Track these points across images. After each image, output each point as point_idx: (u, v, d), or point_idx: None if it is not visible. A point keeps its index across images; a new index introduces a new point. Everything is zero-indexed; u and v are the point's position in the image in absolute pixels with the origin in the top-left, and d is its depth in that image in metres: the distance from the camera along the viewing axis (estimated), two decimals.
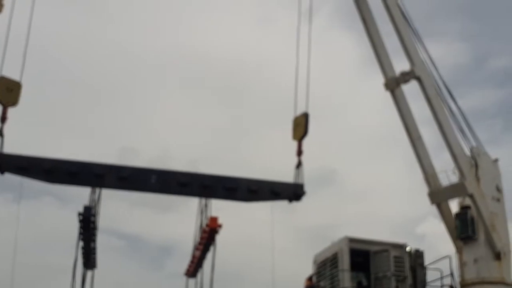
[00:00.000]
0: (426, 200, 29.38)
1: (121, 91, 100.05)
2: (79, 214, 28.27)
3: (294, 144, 30.22)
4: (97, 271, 34.23)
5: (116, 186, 30.31)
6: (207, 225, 29.01)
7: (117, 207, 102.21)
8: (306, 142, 29.97)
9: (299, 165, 30.41)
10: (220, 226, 28.61)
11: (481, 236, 29.56)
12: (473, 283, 29.76)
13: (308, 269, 21.00)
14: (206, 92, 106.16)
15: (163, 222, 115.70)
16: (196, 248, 31.21)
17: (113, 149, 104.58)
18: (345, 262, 18.61)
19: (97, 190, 29.55)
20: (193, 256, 31.94)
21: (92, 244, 30.99)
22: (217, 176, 31.22)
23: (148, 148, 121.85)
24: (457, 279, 27.03)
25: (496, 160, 31.63)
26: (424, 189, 29.28)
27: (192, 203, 30.81)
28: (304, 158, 29.96)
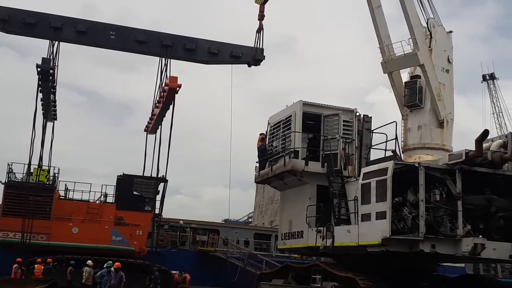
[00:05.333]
0: (378, 70, 30.43)
1: None
2: (37, 66, 28.24)
3: (257, 8, 30.14)
4: (57, 123, 35.01)
5: (74, 39, 30.05)
6: (166, 84, 29.57)
7: (82, 65, 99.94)
8: (268, 8, 29.90)
9: (260, 29, 30.68)
10: (179, 85, 29.25)
11: (427, 105, 31.22)
12: (415, 148, 32.01)
13: (263, 130, 21.93)
14: None
15: (125, 81, 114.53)
16: (155, 106, 32.00)
17: (75, 4, 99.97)
18: (297, 124, 19.30)
19: (55, 43, 29.29)
20: (153, 114, 32.84)
21: (52, 97, 31.30)
22: (177, 36, 31.26)
23: (110, 6, 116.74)
24: (401, 144, 29.01)
25: (450, 32, 32.48)
26: (378, 60, 30.17)
27: (154, 64, 31.06)
28: (265, 24, 30.09)
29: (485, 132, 15.70)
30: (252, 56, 31.25)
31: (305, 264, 20.88)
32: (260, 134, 21.59)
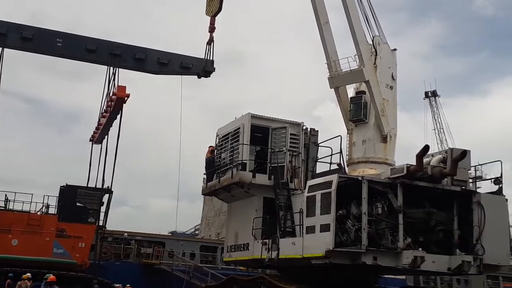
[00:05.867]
0: (326, 85, 31.02)
1: None
2: None
3: (208, 20, 30.23)
4: None
5: (19, 46, 29.27)
6: (114, 94, 29.16)
7: (27, 72, 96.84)
8: (219, 21, 30.06)
9: (210, 41, 30.76)
10: (127, 95, 28.92)
11: (372, 120, 32.04)
12: (359, 162, 32.73)
13: (212, 142, 21.97)
14: None
15: (72, 90, 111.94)
16: (102, 116, 31.48)
17: (23, 12, 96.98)
18: (245, 136, 19.44)
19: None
20: (99, 124, 32.28)
21: None
22: (126, 45, 30.92)
23: (59, 14, 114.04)
24: (346, 157, 29.61)
25: (394, 50, 33.49)
26: (326, 75, 30.79)
27: (104, 73, 30.59)
28: (216, 37, 30.22)
29: (426, 147, 16.24)
30: (202, 68, 31.24)
31: (250, 276, 20.92)
32: (210, 147, 21.62)
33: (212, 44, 30.73)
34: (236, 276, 21.25)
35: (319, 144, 20.13)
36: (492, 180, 17.97)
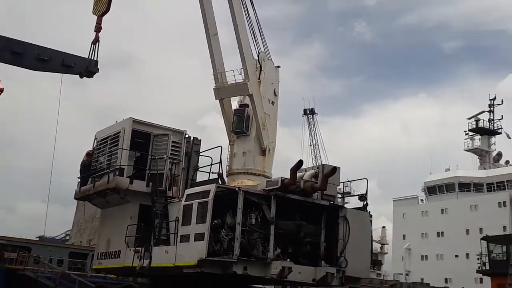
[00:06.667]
0: (212, 95, 31.25)
1: None
2: None
3: (94, 19, 29.31)
4: None
5: None
6: None
7: None
8: (106, 22, 29.22)
9: (96, 41, 29.80)
10: (1, 90, 27.20)
11: (253, 133, 32.72)
12: (239, 173, 33.30)
13: (90, 145, 21.26)
14: None
15: None
16: None
17: None
18: (125, 141, 19.09)
19: None
20: None
21: None
22: (4, 38, 29.04)
23: None
24: (226, 168, 30.01)
25: (278, 67, 34.60)
26: (212, 86, 31.04)
27: None
28: (102, 38, 29.30)
29: (299, 162, 17.01)
30: (85, 68, 30.12)
31: (120, 285, 20.54)
32: (88, 151, 20.96)
33: (97, 43, 29.77)
34: (104, 284, 20.74)
35: (200, 153, 20.34)
36: (358, 196, 19.16)
